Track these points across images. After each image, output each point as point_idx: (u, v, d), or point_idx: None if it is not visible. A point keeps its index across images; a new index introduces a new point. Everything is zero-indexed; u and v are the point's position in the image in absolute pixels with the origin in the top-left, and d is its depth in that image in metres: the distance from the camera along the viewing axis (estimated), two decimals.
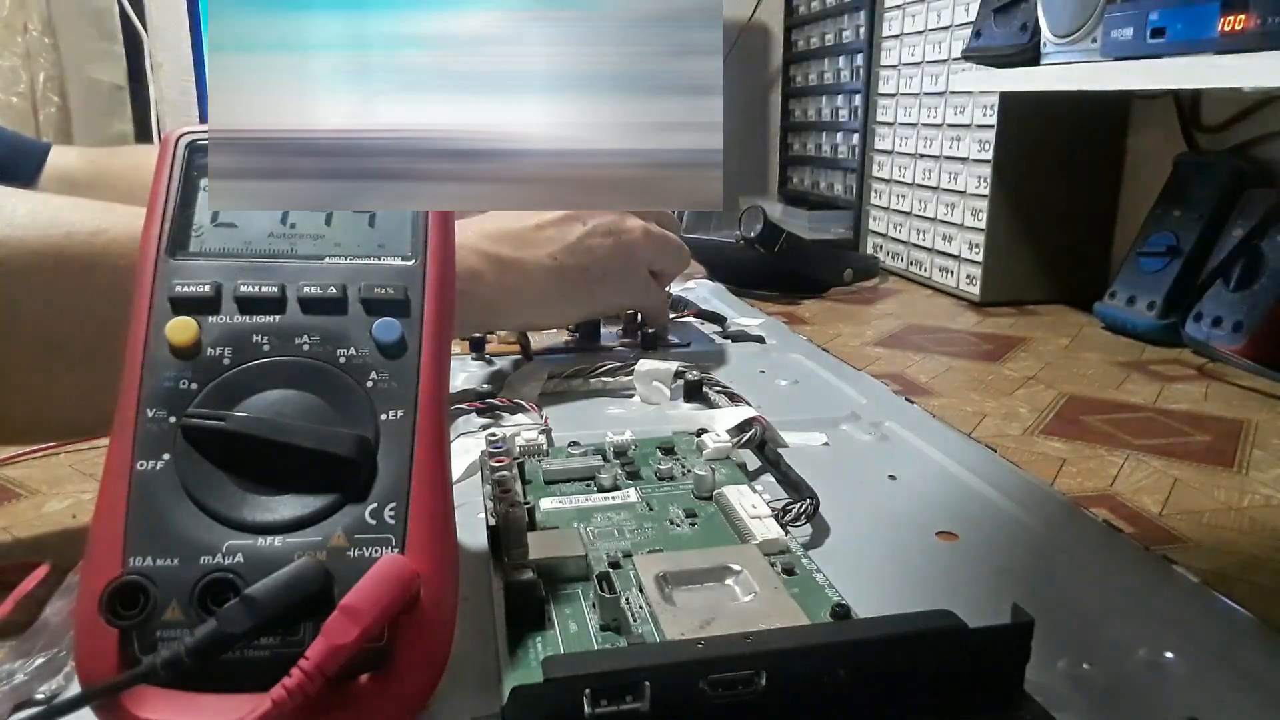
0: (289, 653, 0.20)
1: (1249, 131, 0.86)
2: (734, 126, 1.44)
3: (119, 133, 1.44)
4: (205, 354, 0.23)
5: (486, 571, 0.29)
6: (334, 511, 0.22)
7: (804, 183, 1.58)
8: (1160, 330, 0.81)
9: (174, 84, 1.51)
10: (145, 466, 0.22)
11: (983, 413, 0.61)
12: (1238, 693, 0.24)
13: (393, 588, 0.20)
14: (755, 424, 0.40)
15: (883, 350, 0.78)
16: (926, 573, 0.31)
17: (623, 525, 0.31)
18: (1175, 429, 0.58)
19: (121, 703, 0.20)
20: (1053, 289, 1.00)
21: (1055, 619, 0.26)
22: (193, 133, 0.26)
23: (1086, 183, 1.00)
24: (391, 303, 0.24)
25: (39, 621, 0.28)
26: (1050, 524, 0.34)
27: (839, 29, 1.44)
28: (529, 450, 0.37)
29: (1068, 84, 0.77)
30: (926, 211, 1.09)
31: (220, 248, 0.25)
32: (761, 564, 0.28)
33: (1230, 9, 0.59)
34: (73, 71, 1.39)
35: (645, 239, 0.54)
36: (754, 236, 0.95)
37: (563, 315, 0.56)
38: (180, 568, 0.21)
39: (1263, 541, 0.42)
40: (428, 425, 0.23)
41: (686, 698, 0.21)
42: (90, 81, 1.40)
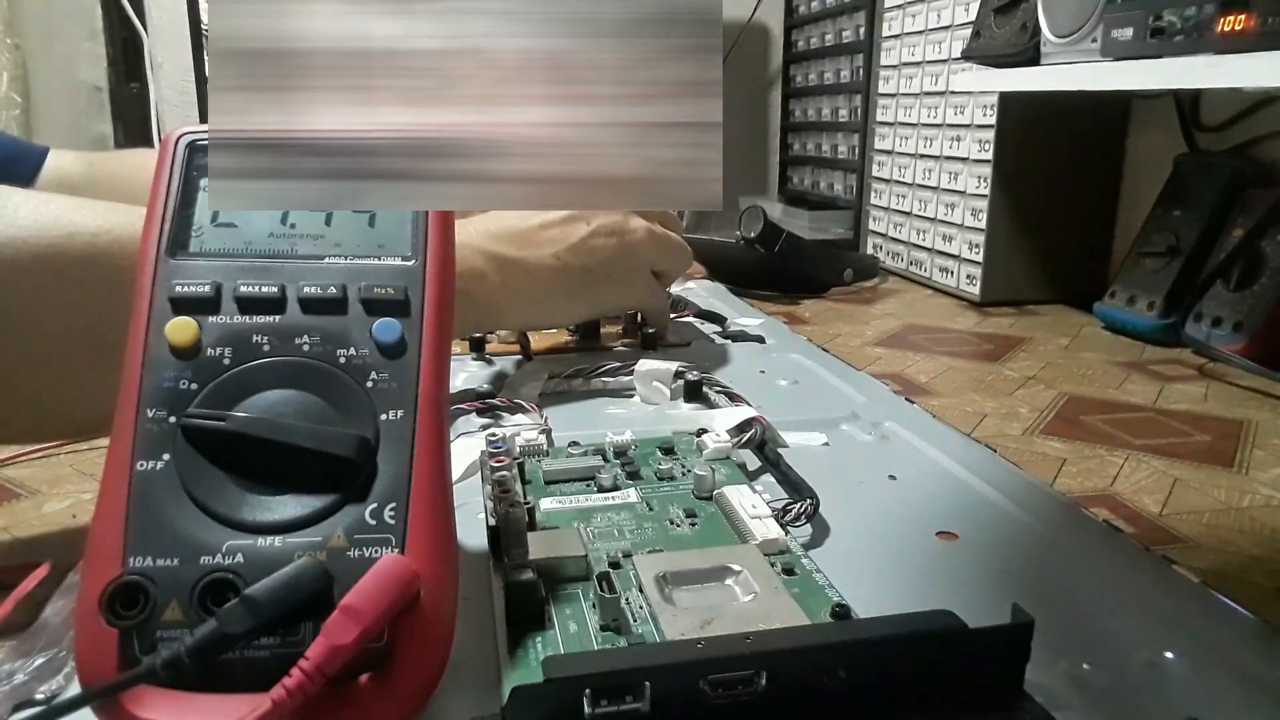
0: (289, 653, 0.20)
1: (1249, 131, 0.86)
2: (734, 126, 1.44)
3: (99, 134, 1.44)
4: (205, 354, 0.23)
5: (486, 571, 0.29)
6: (334, 511, 0.22)
7: (804, 183, 1.58)
8: (1160, 330, 0.81)
9: (174, 84, 1.51)
10: (145, 466, 0.22)
11: (983, 413, 0.61)
12: (1238, 693, 0.24)
13: (393, 588, 0.20)
14: (755, 424, 0.40)
15: (883, 350, 0.78)
16: (926, 573, 0.31)
17: (623, 525, 0.31)
18: (1175, 429, 0.58)
19: (121, 703, 0.20)
20: (1053, 289, 1.00)
21: (1055, 619, 0.26)
22: (193, 133, 0.26)
23: (1086, 183, 1.00)
24: (391, 303, 0.24)
25: (39, 621, 0.28)
26: (1050, 524, 0.34)
27: (839, 29, 1.44)
28: (529, 450, 0.37)
29: (1068, 84, 0.77)
30: (926, 211, 1.09)
31: (220, 248, 0.25)
32: (761, 564, 0.28)
33: (1230, 9, 0.59)
34: (49, 73, 1.38)
35: (649, 240, 0.54)
36: (754, 236, 0.95)
37: (565, 315, 0.56)
38: (180, 568, 0.21)
39: (1263, 541, 0.42)
40: (428, 425, 0.23)
41: (686, 698, 0.21)
42: (70, 82, 1.39)
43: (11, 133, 1.32)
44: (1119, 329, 0.85)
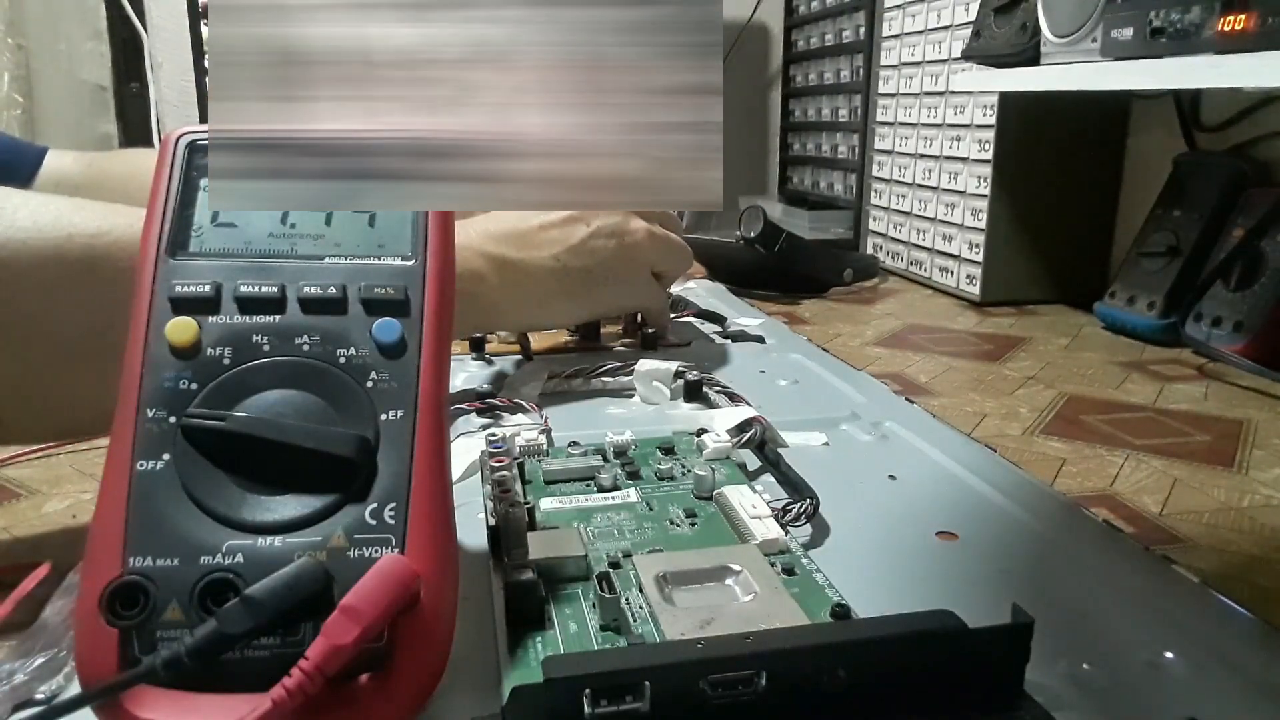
0: (289, 653, 0.20)
1: (1249, 131, 0.86)
2: (734, 126, 1.44)
3: (103, 134, 1.44)
4: (205, 354, 0.23)
5: (486, 571, 0.29)
6: (334, 512, 0.22)
7: (804, 183, 1.58)
8: (1160, 330, 0.81)
9: (174, 84, 1.51)
10: (145, 466, 0.22)
11: (983, 413, 0.61)
12: (1238, 693, 0.24)
13: (393, 588, 0.20)
14: (755, 424, 0.40)
15: (883, 350, 0.78)
16: (926, 573, 0.31)
17: (623, 525, 0.31)
18: (1175, 429, 0.58)
19: (121, 703, 0.20)
20: (1053, 289, 1.00)
21: (1055, 619, 0.26)
22: (193, 133, 0.26)
23: (1086, 183, 1.00)
24: (391, 303, 0.24)
25: (39, 621, 0.28)
26: (1050, 524, 0.34)
27: (839, 29, 1.44)
28: (529, 450, 0.37)
29: (1068, 84, 0.77)
30: (926, 211, 1.09)
31: (220, 248, 0.25)
32: (761, 564, 0.28)
33: (1230, 9, 0.59)
34: (52, 73, 1.38)
35: (649, 241, 0.54)
36: (754, 236, 0.95)
37: (565, 316, 0.56)
38: (180, 568, 0.21)
39: (1263, 541, 0.42)
40: (428, 425, 0.23)
41: (686, 698, 0.21)
42: (74, 82, 1.39)
43: (14, 133, 1.32)
44: (1119, 329, 0.85)
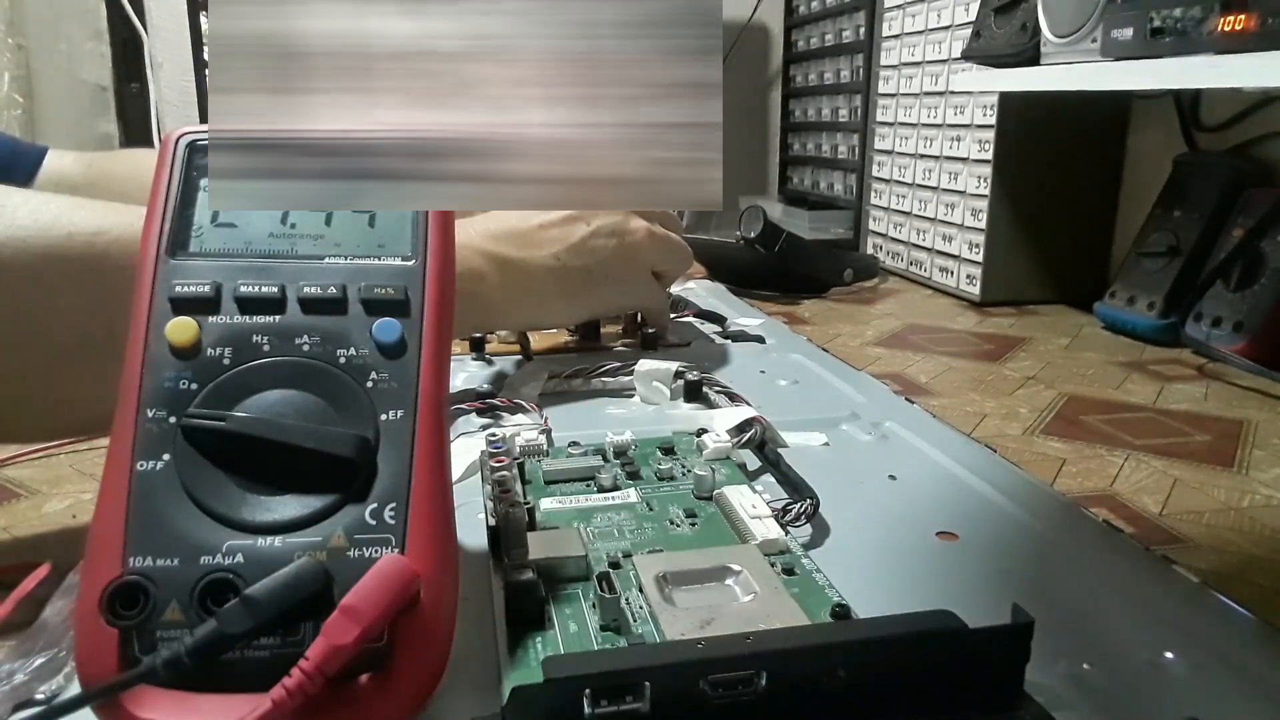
0: (289, 653, 0.20)
1: (1249, 131, 0.86)
2: (734, 126, 1.44)
3: (103, 134, 1.44)
4: (205, 354, 0.23)
5: (486, 571, 0.29)
6: (334, 512, 0.22)
7: (804, 183, 1.58)
8: (1160, 330, 0.81)
9: (174, 84, 1.51)
10: (145, 466, 0.22)
11: (983, 413, 0.61)
12: (1238, 693, 0.24)
13: (393, 588, 0.20)
14: (755, 424, 0.40)
15: (883, 350, 0.78)
16: (926, 573, 0.31)
17: (623, 525, 0.31)
18: (1175, 429, 0.58)
19: (121, 703, 0.20)
20: (1053, 289, 1.00)
21: (1055, 619, 0.26)
22: (193, 133, 0.26)
23: (1086, 183, 1.00)
24: (391, 303, 0.24)
25: (39, 621, 0.28)
26: (1050, 524, 0.34)
27: (839, 29, 1.44)
28: (529, 450, 0.37)
29: (1068, 84, 0.77)
30: (926, 211, 1.09)
31: (220, 248, 0.25)
32: (761, 564, 0.28)
33: (1230, 9, 0.59)
34: (52, 73, 1.38)
35: (649, 240, 0.54)
36: (754, 236, 0.95)
37: (565, 316, 0.56)
38: (180, 568, 0.21)
39: (1263, 541, 0.42)
40: (428, 425, 0.23)
41: (686, 698, 0.21)
42: (74, 82, 1.39)
43: (14, 133, 1.32)
44: (1119, 329, 0.85)
